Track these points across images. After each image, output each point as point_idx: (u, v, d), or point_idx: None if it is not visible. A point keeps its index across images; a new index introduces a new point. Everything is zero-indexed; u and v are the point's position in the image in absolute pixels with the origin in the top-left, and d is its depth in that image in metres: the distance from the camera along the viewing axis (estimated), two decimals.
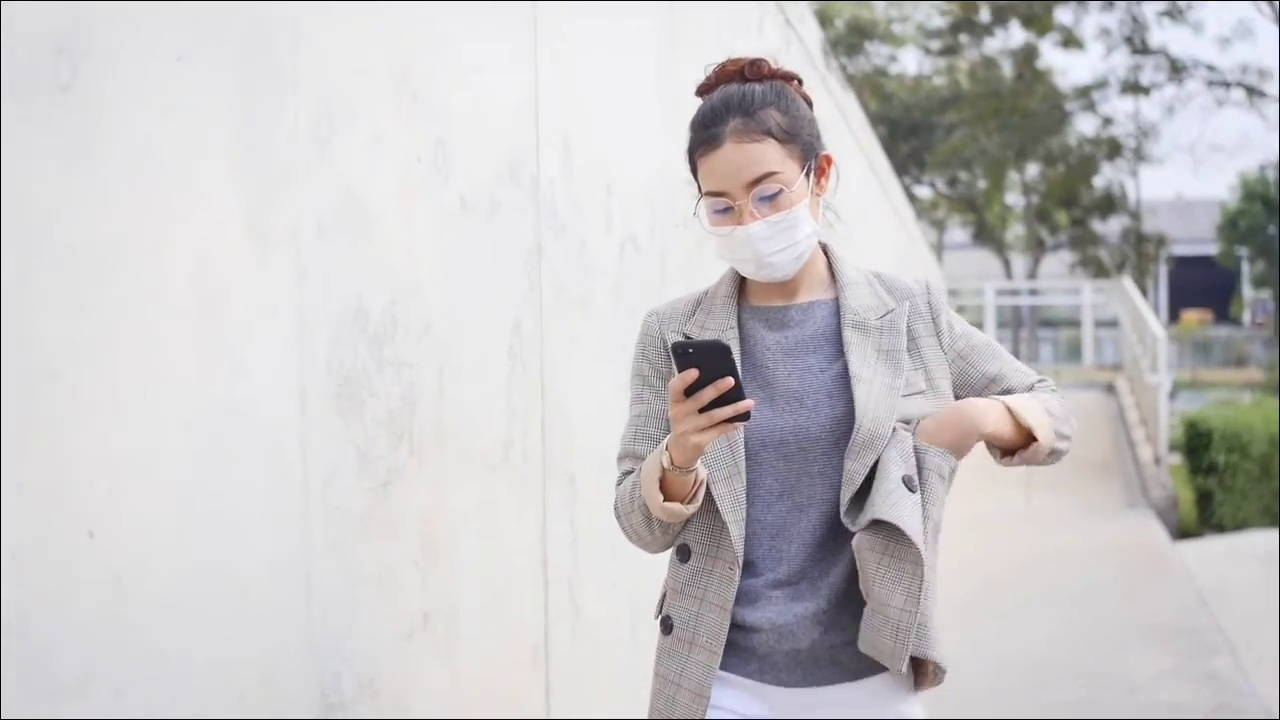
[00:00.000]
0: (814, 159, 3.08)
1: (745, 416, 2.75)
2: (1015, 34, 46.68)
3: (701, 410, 2.76)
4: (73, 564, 2.28)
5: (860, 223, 14.20)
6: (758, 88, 3.06)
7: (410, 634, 3.43)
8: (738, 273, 3.15)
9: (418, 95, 3.47)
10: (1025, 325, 47.71)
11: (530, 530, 4.17)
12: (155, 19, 2.49)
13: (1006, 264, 51.53)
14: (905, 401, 3.02)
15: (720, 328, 3.11)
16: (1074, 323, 44.14)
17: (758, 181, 2.98)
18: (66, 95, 2.26)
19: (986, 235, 51.10)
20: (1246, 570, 13.89)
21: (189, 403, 2.58)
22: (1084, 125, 47.75)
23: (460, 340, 3.69)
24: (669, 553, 3.15)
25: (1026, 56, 45.99)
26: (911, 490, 2.92)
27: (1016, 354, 44.30)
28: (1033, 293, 46.70)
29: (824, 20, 46.19)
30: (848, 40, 48.00)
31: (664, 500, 2.95)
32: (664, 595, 3.14)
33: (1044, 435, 3.05)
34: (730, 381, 2.72)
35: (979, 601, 11.56)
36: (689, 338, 3.09)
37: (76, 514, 2.28)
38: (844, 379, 3.02)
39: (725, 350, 2.73)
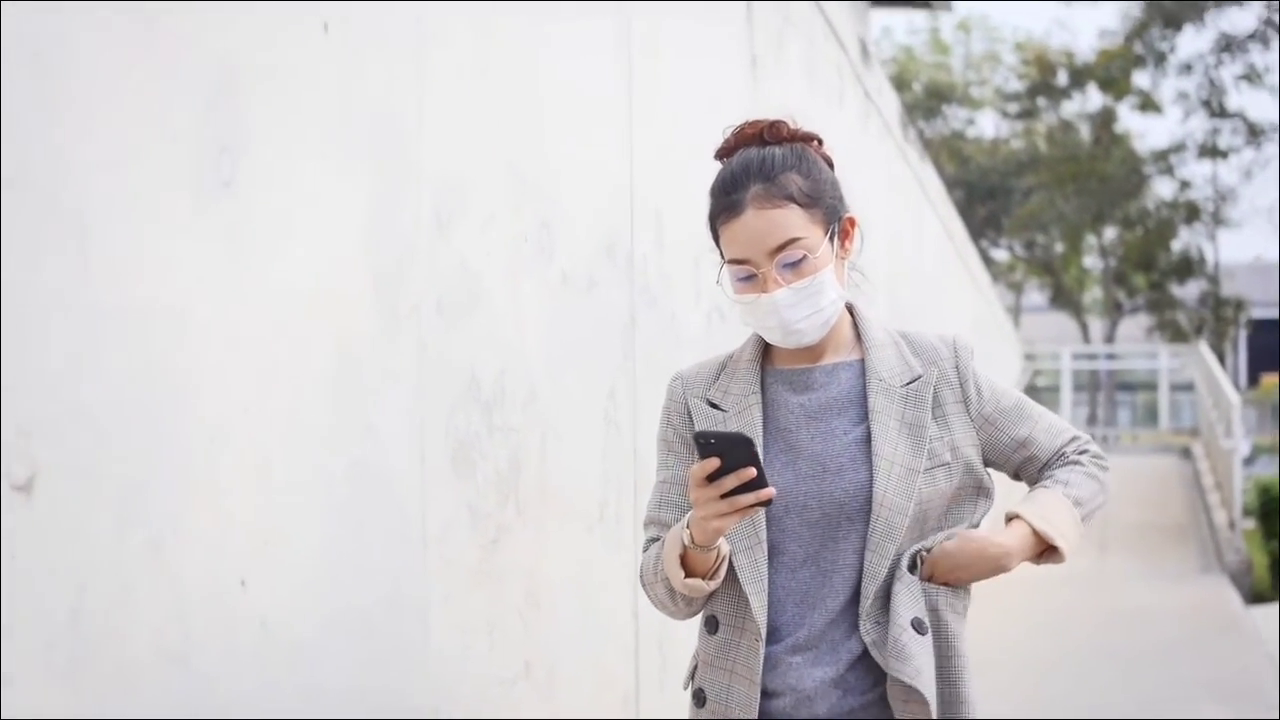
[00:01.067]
0: (837, 222, 3.02)
1: (766, 503, 2.73)
2: (1093, 97, 46.73)
3: (722, 496, 2.72)
4: (229, 609, 2.55)
5: (937, 289, 14.43)
6: (778, 151, 3.00)
7: (514, 680, 3.69)
8: (762, 338, 3.09)
9: (525, 180, 3.75)
10: (1103, 389, 47.59)
11: (623, 586, 4.43)
12: (300, 115, 2.77)
13: (1084, 327, 51.39)
14: (925, 481, 2.96)
15: (743, 392, 3.06)
16: (1151, 386, 44.05)
17: (781, 248, 2.92)
18: (228, 190, 2.54)
19: (1064, 298, 51.00)
20: None
21: (327, 464, 2.86)
22: (1162, 189, 47.67)
23: (561, 407, 3.96)
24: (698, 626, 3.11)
25: (1104, 120, 45.99)
26: (921, 633, 2.91)
27: (1093, 418, 44.68)
28: (1110, 357, 46.61)
29: (901, 84, 46.47)
30: (925, 104, 48.20)
31: (685, 576, 2.91)
32: (694, 666, 3.10)
33: (1067, 546, 3.02)
34: (752, 472, 2.69)
35: (1052, 659, 11.76)
36: (715, 405, 3.07)
37: (232, 565, 2.56)
38: (868, 444, 2.98)
39: (748, 443, 2.71)
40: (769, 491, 2.71)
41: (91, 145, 2.21)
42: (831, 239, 2.99)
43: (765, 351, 3.11)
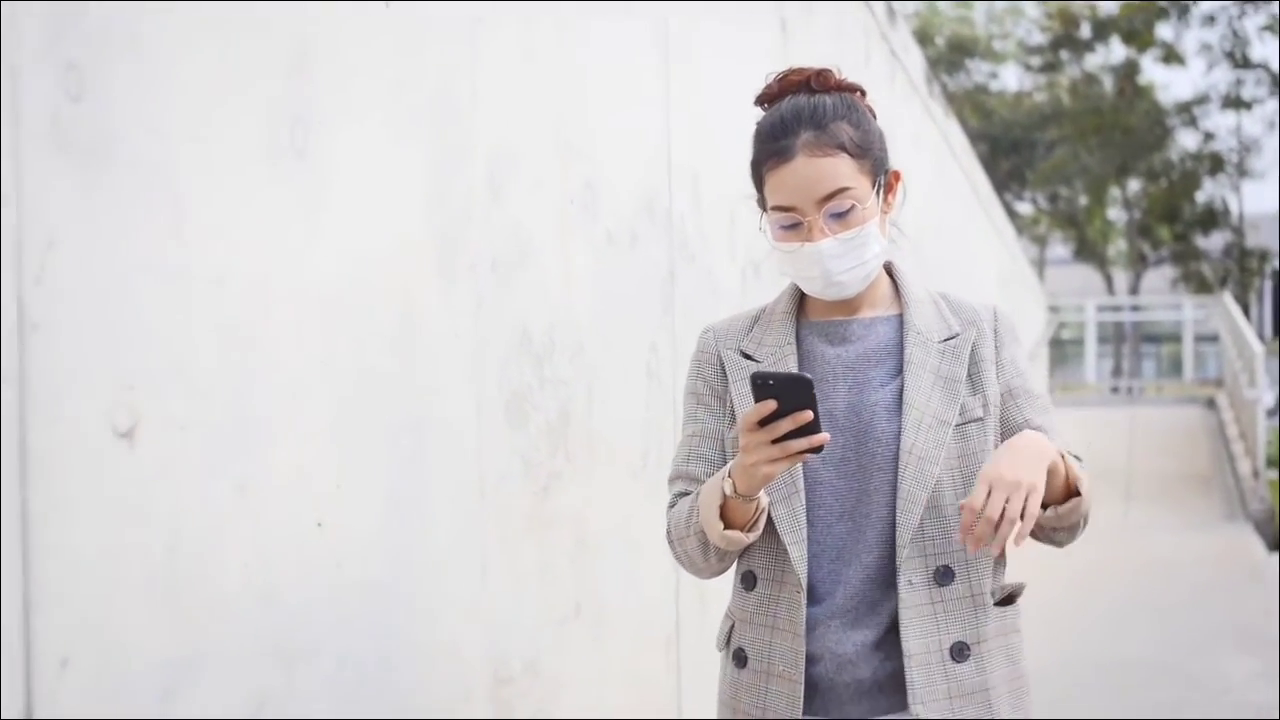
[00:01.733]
0: (884, 175, 2.98)
1: (818, 450, 2.67)
2: (1116, 50, 46.80)
3: (774, 441, 2.68)
4: (307, 549, 2.73)
5: (963, 243, 14.57)
6: (828, 99, 2.95)
7: (565, 620, 3.87)
8: (796, 290, 3.08)
9: (570, 145, 3.91)
10: (1127, 340, 47.69)
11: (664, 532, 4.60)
12: (365, 89, 2.94)
13: (1108, 280, 51.45)
14: (957, 435, 2.92)
15: (778, 343, 3.02)
16: (1176, 338, 44.17)
17: (830, 197, 2.86)
18: (302, 160, 2.71)
19: (1088, 251, 51.07)
20: None
21: (394, 415, 3.03)
22: (1186, 141, 47.71)
23: (606, 360, 4.13)
24: (732, 579, 3.09)
25: (1128, 72, 46.06)
26: (960, 660, 2.92)
27: (1118, 369, 44.76)
28: (1134, 309, 46.70)
29: (924, 38, 46.44)
30: (949, 58, 48.23)
31: (724, 528, 2.86)
32: (731, 626, 3.07)
33: (1087, 496, 2.92)
34: (809, 415, 2.64)
35: (1079, 607, 11.92)
36: (748, 355, 3.03)
37: (309, 509, 2.73)
38: (902, 397, 2.93)
39: (808, 384, 2.65)
40: (823, 436, 2.65)
41: (181, 120, 2.38)
42: (878, 192, 2.94)
43: (800, 304, 3.07)
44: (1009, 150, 47.44)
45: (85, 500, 2.16)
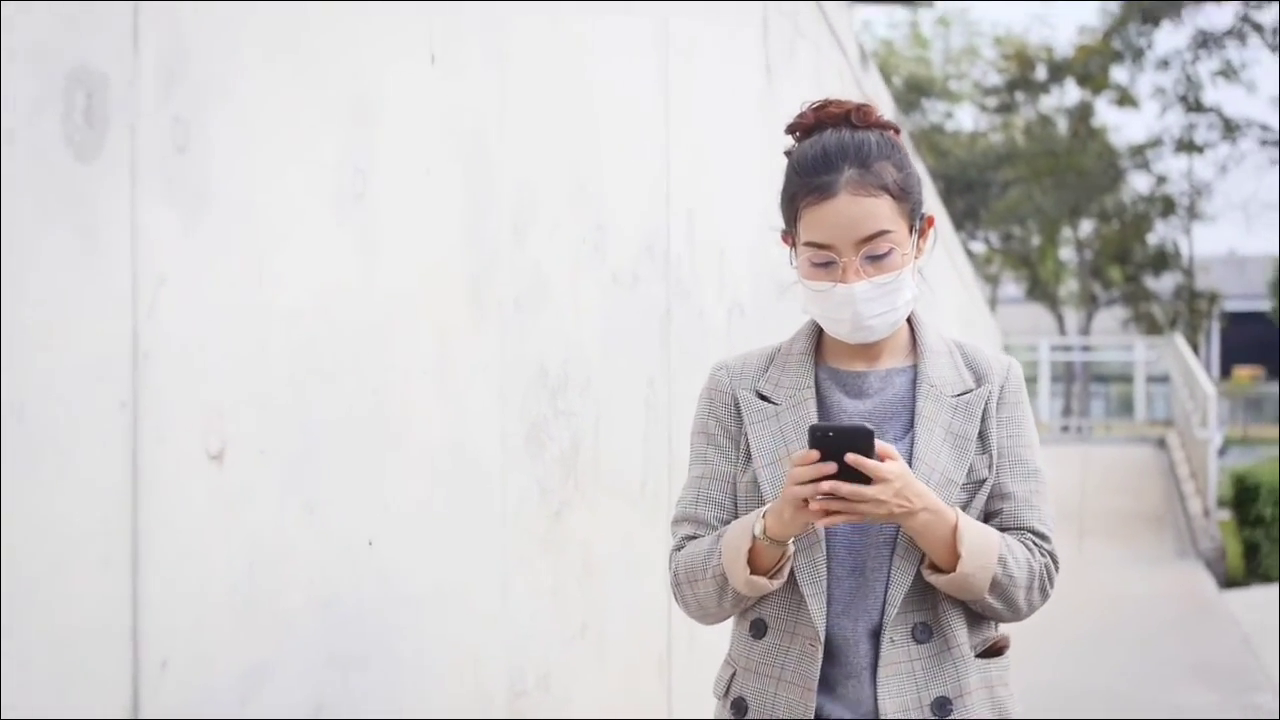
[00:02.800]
0: (920, 219, 2.94)
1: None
2: (1071, 92, 47.25)
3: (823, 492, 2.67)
4: (360, 564, 2.95)
5: (930, 288, 14.85)
6: (872, 137, 2.89)
7: (573, 639, 4.09)
8: (814, 331, 3.04)
9: (584, 188, 4.15)
10: (1078, 380, 48.12)
11: (658, 557, 4.83)
12: (412, 139, 3.16)
13: (1060, 319, 51.91)
14: (962, 495, 2.90)
15: (796, 386, 2.98)
16: (1127, 378, 44.57)
17: (869, 239, 2.82)
18: (360, 204, 2.94)
19: (1040, 290, 51.54)
20: None
21: (432, 443, 3.25)
22: (1138, 183, 48.23)
23: (611, 394, 4.35)
24: (732, 627, 3.11)
25: (1082, 114, 46.51)
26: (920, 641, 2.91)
27: (1068, 409, 45.04)
28: (1086, 348, 47.14)
29: (882, 77, 46.80)
30: (906, 97, 48.59)
31: (750, 573, 2.84)
32: (732, 674, 3.06)
33: (966, 566, 2.82)
34: (869, 463, 2.66)
35: (1035, 639, 12.17)
36: (765, 397, 3.00)
37: (362, 527, 2.95)
38: (913, 452, 2.90)
39: (868, 436, 2.67)
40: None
41: (265, 169, 2.61)
42: (913, 237, 2.91)
43: (816, 345, 3.04)
44: (964, 189, 47.83)
45: (183, 517, 2.38)
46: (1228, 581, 18.41)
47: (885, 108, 10.80)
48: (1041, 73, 47.06)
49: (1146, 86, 45.30)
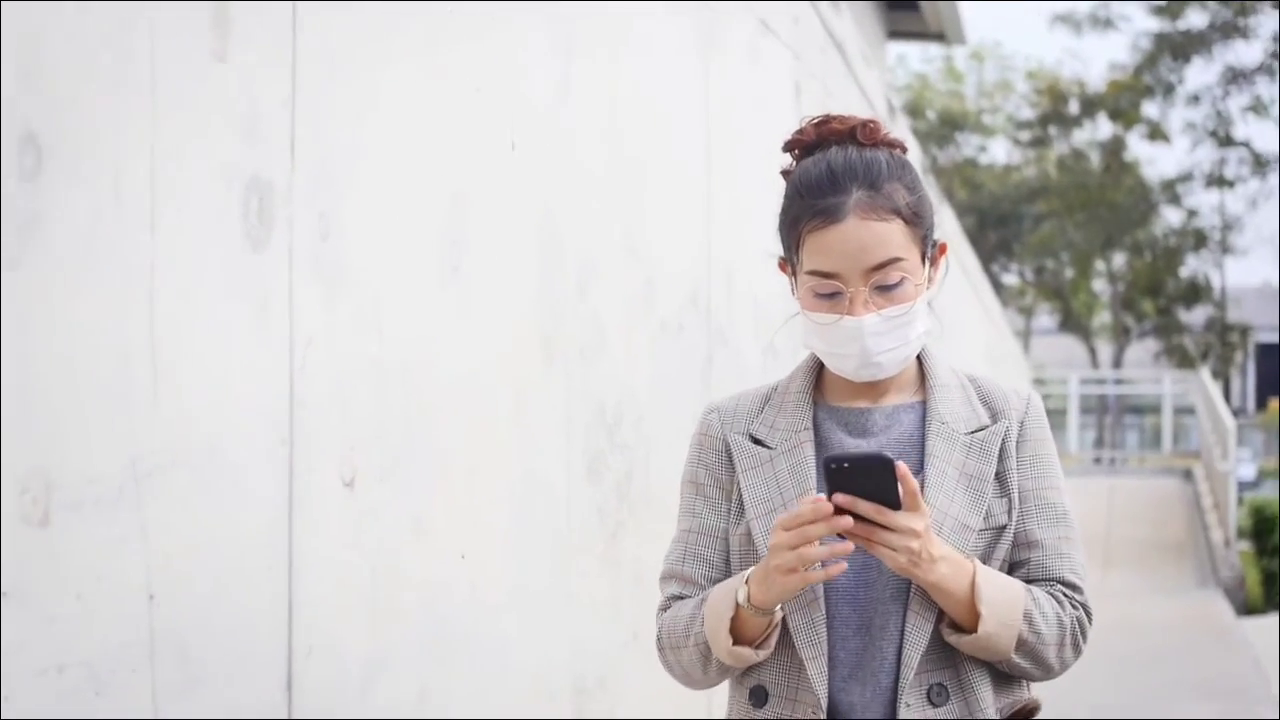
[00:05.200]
0: (932, 247, 2.72)
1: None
2: (1103, 126, 47.59)
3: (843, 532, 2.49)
4: (452, 576, 3.54)
5: (953, 319, 15.41)
6: (882, 156, 2.65)
7: (625, 644, 4.66)
8: (814, 366, 2.81)
9: (635, 249, 4.73)
10: (1110, 412, 48.42)
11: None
12: (497, 217, 3.75)
13: (1092, 351, 52.20)
14: (979, 541, 2.66)
15: (793, 427, 2.74)
16: (1158, 410, 44.97)
17: (880, 267, 2.58)
18: (456, 274, 3.53)
19: (1073, 323, 51.83)
20: None
21: (511, 473, 3.84)
22: (1170, 217, 48.51)
23: (659, 429, 4.93)
24: (729, 689, 2.86)
25: (1114, 149, 46.82)
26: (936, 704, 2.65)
27: (1101, 440, 45.36)
28: (1116, 382, 47.46)
29: (915, 111, 47.38)
30: (939, 131, 49.09)
31: (733, 643, 2.62)
32: None
33: (988, 624, 2.58)
34: (886, 513, 2.48)
35: None
36: (759, 441, 2.78)
37: (455, 543, 3.54)
38: (924, 495, 2.58)
39: (888, 466, 2.46)
40: (846, 547, 2.52)
41: (385, 247, 3.20)
42: (924, 264, 2.68)
43: (816, 382, 2.81)
44: (997, 222, 48.22)
45: (324, 532, 2.96)
46: (1246, 609, 18.93)
47: (912, 156, 11.37)
48: (1074, 107, 47.42)
49: (1178, 121, 45.40)
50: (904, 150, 2.77)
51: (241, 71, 2.69)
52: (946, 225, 14.51)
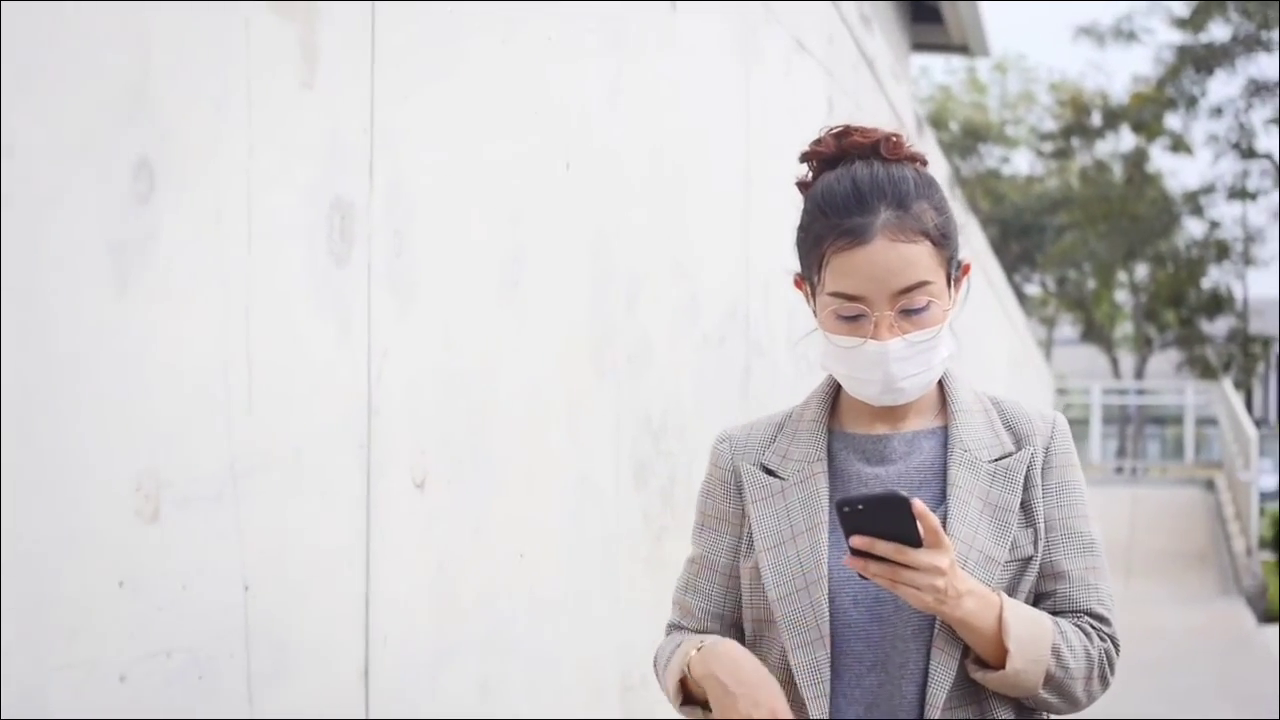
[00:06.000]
0: (956, 268, 2.61)
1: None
2: (1126, 138, 47.67)
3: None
4: (511, 575, 3.72)
5: (978, 331, 15.61)
6: (909, 173, 2.57)
7: None
8: (830, 391, 2.72)
9: (680, 265, 4.93)
10: (1133, 422, 48.46)
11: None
12: (554, 238, 3.94)
13: (1114, 362, 52.25)
14: (1004, 573, 2.56)
15: (806, 458, 2.64)
16: (1180, 420, 45.05)
17: (907, 291, 2.49)
18: (516, 290, 3.72)
19: (1095, 333, 51.90)
20: None
21: (566, 479, 4.03)
22: (1192, 228, 48.57)
23: (702, 438, 5.09)
24: None
25: (1137, 160, 46.84)
26: None
27: (1123, 450, 45.49)
28: (1139, 392, 47.52)
29: (939, 122, 47.53)
30: (962, 142, 49.22)
31: (681, 702, 2.61)
32: None
33: (1016, 661, 2.47)
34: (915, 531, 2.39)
35: None
36: (771, 471, 2.69)
37: (514, 544, 3.73)
38: (946, 527, 2.52)
39: (903, 505, 2.36)
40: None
41: (452, 268, 3.39)
42: (949, 286, 2.59)
43: (832, 408, 2.72)
44: (1019, 233, 48.32)
45: (397, 530, 3.16)
46: (1267, 617, 19.08)
47: (939, 172, 11.56)
48: (1097, 119, 47.53)
49: (1200, 134, 45.41)
50: (925, 164, 2.67)
51: (326, 100, 2.89)
52: (973, 237, 14.72)
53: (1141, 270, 49.71)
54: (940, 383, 2.67)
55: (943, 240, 2.54)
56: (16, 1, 2.14)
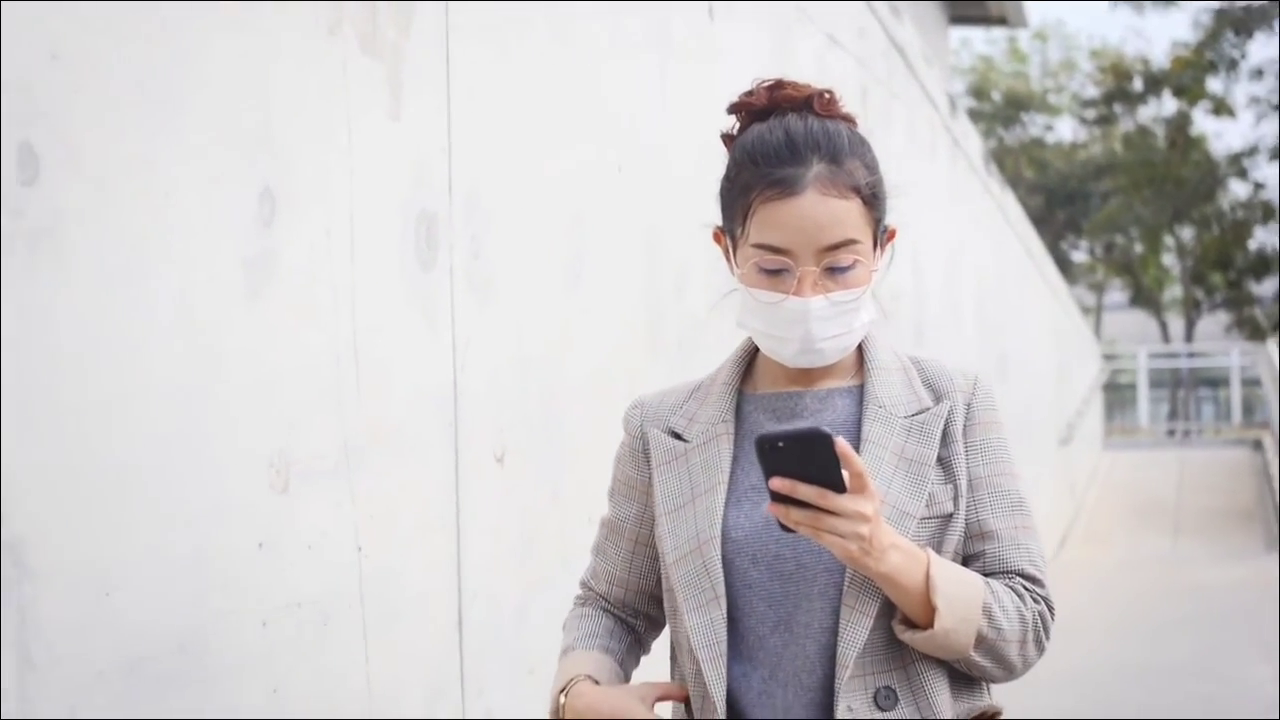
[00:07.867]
0: (883, 231, 2.51)
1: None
2: (1168, 103, 47.74)
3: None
4: (582, 538, 4.17)
5: (1019, 303, 16.00)
6: (844, 129, 2.46)
7: None
8: (744, 357, 2.66)
9: (717, 254, 5.35)
10: (1184, 385, 48.53)
11: None
12: (608, 238, 4.38)
13: (1163, 325, 52.36)
14: (920, 529, 2.42)
15: (712, 419, 2.56)
16: (1229, 382, 45.23)
17: (834, 248, 2.38)
18: (579, 283, 4.17)
19: (1144, 297, 51.97)
20: None
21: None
22: (1237, 190, 48.61)
23: None
24: None
25: (1179, 124, 46.93)
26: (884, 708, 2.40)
27: (1174, 413, 45.62)
28: (1188, 355, 47.59)
29: (981, 93, 47.77)
30: (1004, 112, 49.40)
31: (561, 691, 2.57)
32: None
33: (945, 620, 2.33)
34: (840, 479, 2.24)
35: (1127, 623, 13.54)
36: (678, 435, 2.61)
37: (584, 508, 4.17)
38: None
39: (826, 441, 2.20)
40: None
41: (523, 265, 3.84)
42: (876, 249, 2.49)
43: (746, 371, 2.65)
44: (1064, 201, 48.48)
45: (482, 500, 3.61)
46: None
47: (974, 149, 11.93)
48: (1138, 84, 47.63)
49: (1242, 96, 45.62)
50: (856, 125, 2.54)
51: (410, 129, 3.34)
52: (1009, 208, 15.09)
53: (1187, 234, 49.79)
54: (860, 345, 2.54)
55: (873, 200, 2.43)
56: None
